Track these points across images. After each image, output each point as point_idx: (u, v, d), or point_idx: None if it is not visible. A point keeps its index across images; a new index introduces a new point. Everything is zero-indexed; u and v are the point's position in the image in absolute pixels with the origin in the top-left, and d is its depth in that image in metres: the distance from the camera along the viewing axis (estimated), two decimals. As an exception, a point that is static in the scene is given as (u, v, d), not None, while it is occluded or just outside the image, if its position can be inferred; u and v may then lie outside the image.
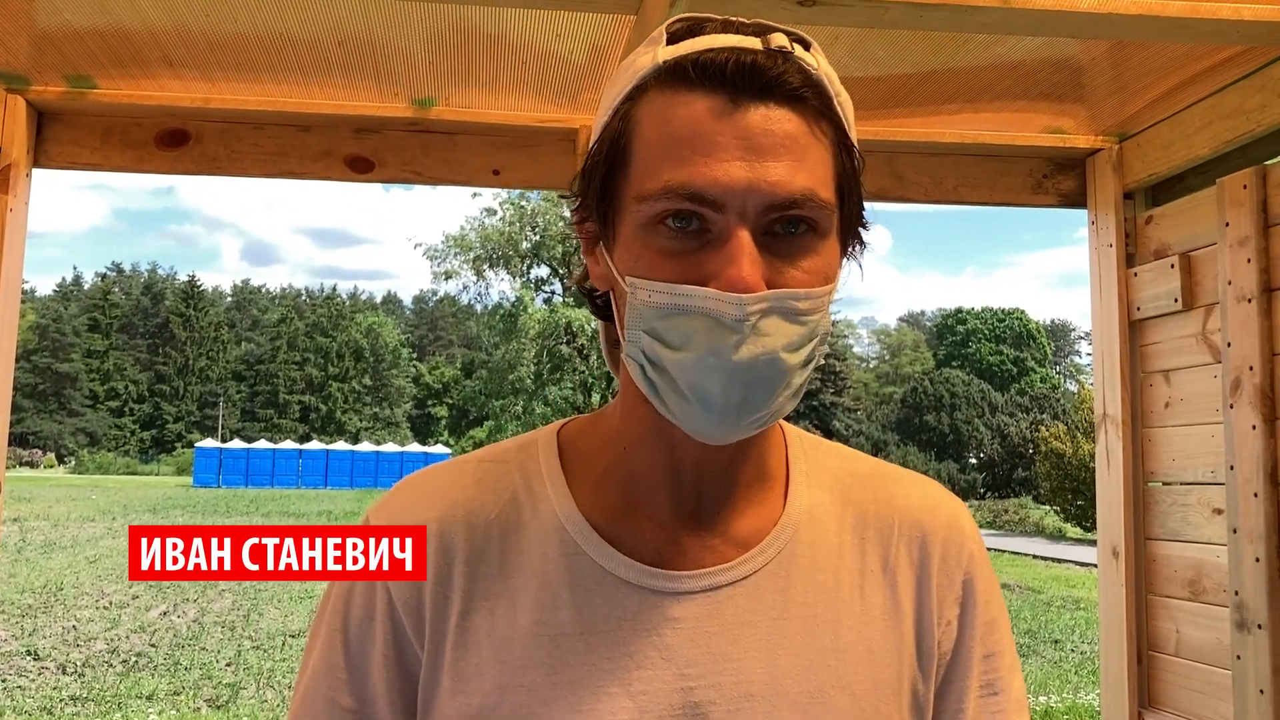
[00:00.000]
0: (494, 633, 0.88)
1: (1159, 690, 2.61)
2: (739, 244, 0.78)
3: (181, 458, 68.61)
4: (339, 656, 0.92)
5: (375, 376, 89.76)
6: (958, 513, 1.01)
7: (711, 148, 0.79)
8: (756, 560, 0.91)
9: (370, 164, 2.64)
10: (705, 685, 0.87)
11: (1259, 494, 2.25)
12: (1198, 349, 2.51)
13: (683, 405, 0.83)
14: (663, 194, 0.79)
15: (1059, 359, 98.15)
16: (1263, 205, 2.27)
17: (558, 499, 0.93)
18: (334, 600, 0.94)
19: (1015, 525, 33.31)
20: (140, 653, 10.86)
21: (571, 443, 0.98)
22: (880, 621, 0.93)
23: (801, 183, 0.79)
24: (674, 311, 0.80)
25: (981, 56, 2.36)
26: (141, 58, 2.36)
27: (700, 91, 0.80)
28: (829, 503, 0.97)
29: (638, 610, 0.88)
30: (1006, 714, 0.97)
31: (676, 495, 0.92)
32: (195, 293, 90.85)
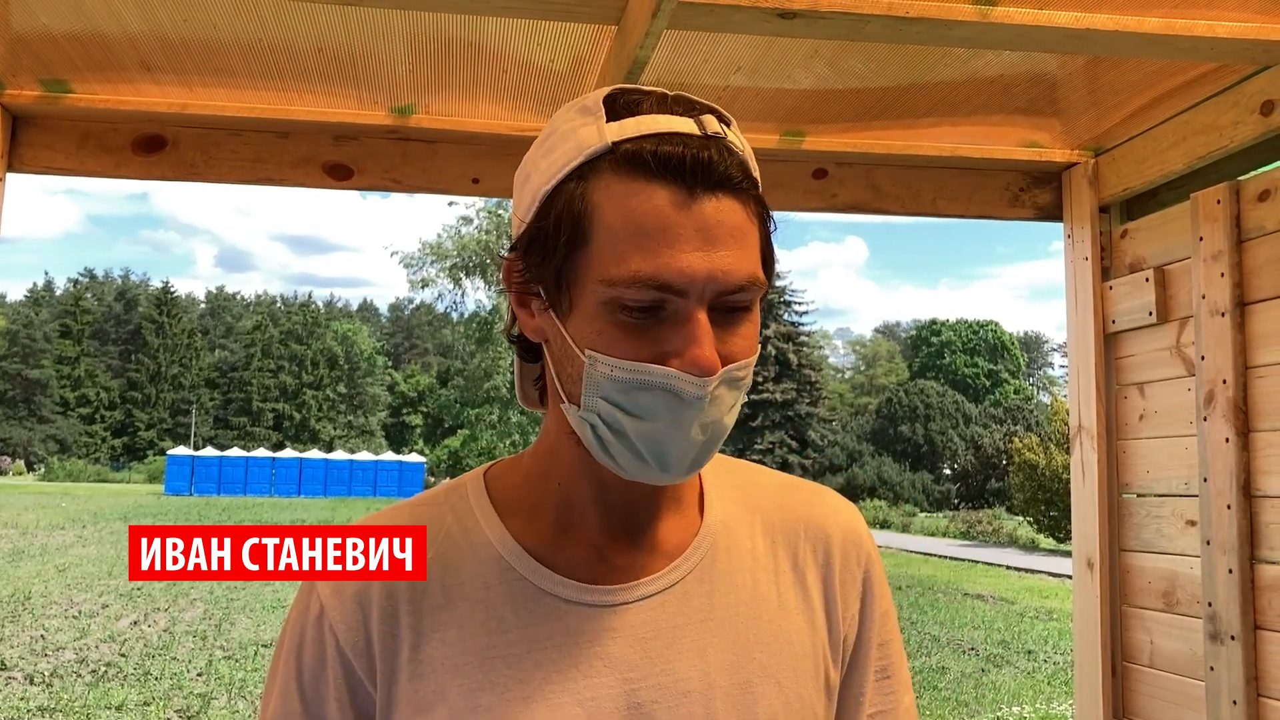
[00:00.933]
0: (447, 660, 0.95)
1: (1133, 701, 2.63)
2: (700, 327, 0.87)
3: (153, 465, 67.96)
4: (295, 702, 0.98)
5: (350, 384, 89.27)
6: (853, 517, 1.13)
7: (674, 240, 0.86)
8: (682, 569, 1.01)
9: (349, 171, 2.63)
10: (647, 686, 0.96)
11: (1232, 506, 2.27)
12: (1172, 362, 2.53)
13: (637, 463, 0.92)
14: (631, 282, 0.86)
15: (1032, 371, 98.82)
16: (1236, 220, 2.30)
17: (492, 531, 1.01)
18: (287, 649, 1.00)
19: (989, 536, 33.46)
20: (110, 662, 10.73)
21: (498, 481, 1.06)
22: (796, 615, 1.04)
23: (747, 269, 0.89)
24: (637, 386, 0.88)
25: (959, 70, 2.37)
26: (119, 63, 2.34)
27: (660, 183, 0.87)
28: (739, 512, 1.08)
29: (579, 625, 0.97)
30: (897, 694, 1.10)
31: (606, 520, 1.01)
32: (168, 299, 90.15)
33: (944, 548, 29.09)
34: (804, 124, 2.65)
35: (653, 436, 0.89)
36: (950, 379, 79.19)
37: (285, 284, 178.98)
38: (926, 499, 54.90)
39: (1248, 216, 2.28)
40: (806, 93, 2.48)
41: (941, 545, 30.26)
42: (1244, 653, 2.23)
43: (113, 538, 24.14)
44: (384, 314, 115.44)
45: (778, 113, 2.58)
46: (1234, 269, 2.29)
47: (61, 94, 2.46)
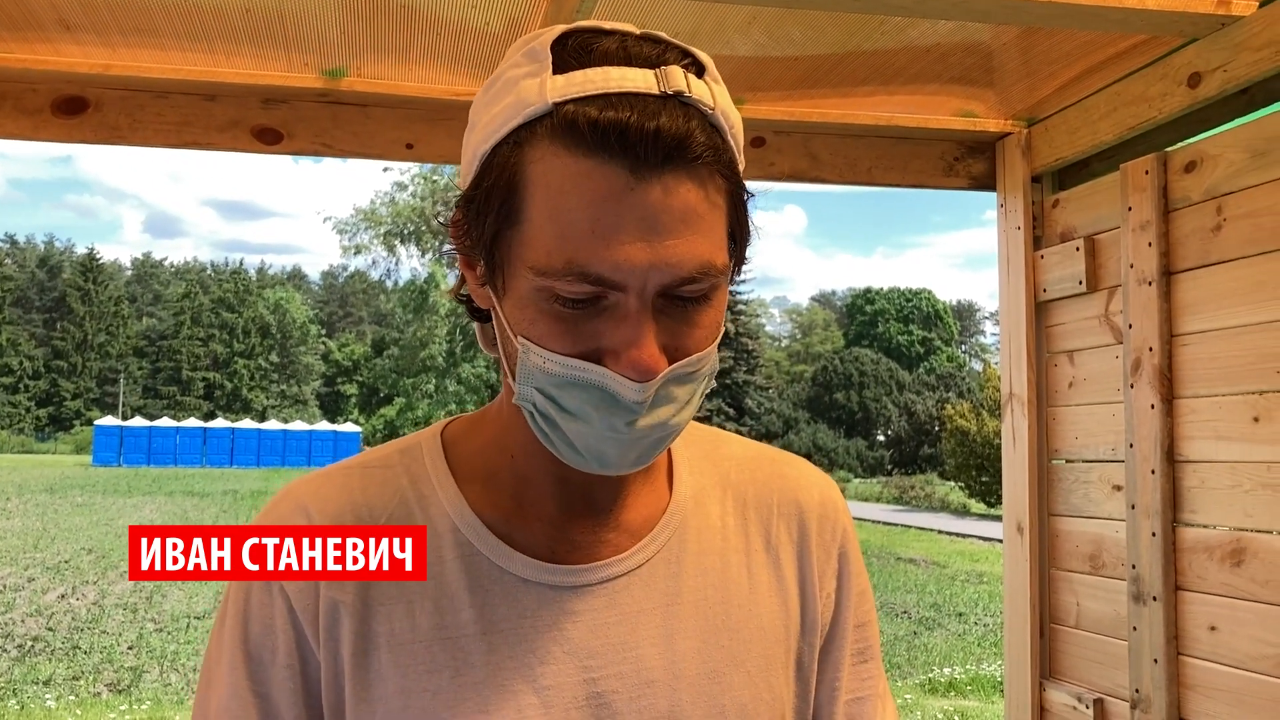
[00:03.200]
0: (393, 638, 0.88)
1: (1059, 661, 2.69)
2: (641, 325, 0.78)
3: (80, 436, 66.58)
4: (239, 672, 0.90)
5: (283, 353, 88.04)
6: (830, 490, 1.07)
7: (611, 230, 0.76)
8: (648, 549, 0.94)
9: (279, 135, 2.57)
10: (607, 675, 0.89)
11: (1156, 471, 2.32)
12: (1100, 330, 2.58)
13: (576, 458, 0.85)
14: (562, 274, 0.77)
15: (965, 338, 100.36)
16: (1163, 190, 2.34)
17: (449, 501, 0.93)
18: (231, 616, 0.92)
19: (921, 501, 34.04)
20: (37, 637, 10.55)
21: (456, 444, 0.98)
22: (767, 598, 0.98)
23: (699, 257, 0.79)
24: (569, 383, 0.80)
25: (896, 39, 2.38)
26: (35, 20, 2.26)
27: (598, 160, 0.76)
28: (711, 486, 1.01)
29: (537, 606, 0.89)
30: (875, 680, 1.05)
31: (566, 496, 0.93)
32: (94, 266, 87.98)
33: (878, 513, 29.56)
34: (742, 91, 2.64)
35: (586, 435, 0.82)
36: (884, 347, 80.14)
37: (215, 250, 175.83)
38: (861, 465, 55.68)
39: (1174, 187, 2.32)
40: (745, 60, 2.47)
41: (875, 510, 30.74)
42: (1165, 612, 2.29)
43: (38, 510, 23.66)
44: (316, 282, 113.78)
45: (715, 78, 2.57)
46: (1161, 239, 2.33)
47: (-24, 53, 2.37)
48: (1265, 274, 2.08)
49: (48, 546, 17.37)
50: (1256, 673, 2.09)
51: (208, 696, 0.92)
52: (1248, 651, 2.11)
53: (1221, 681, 2.17)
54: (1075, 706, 2.56)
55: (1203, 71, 2.22)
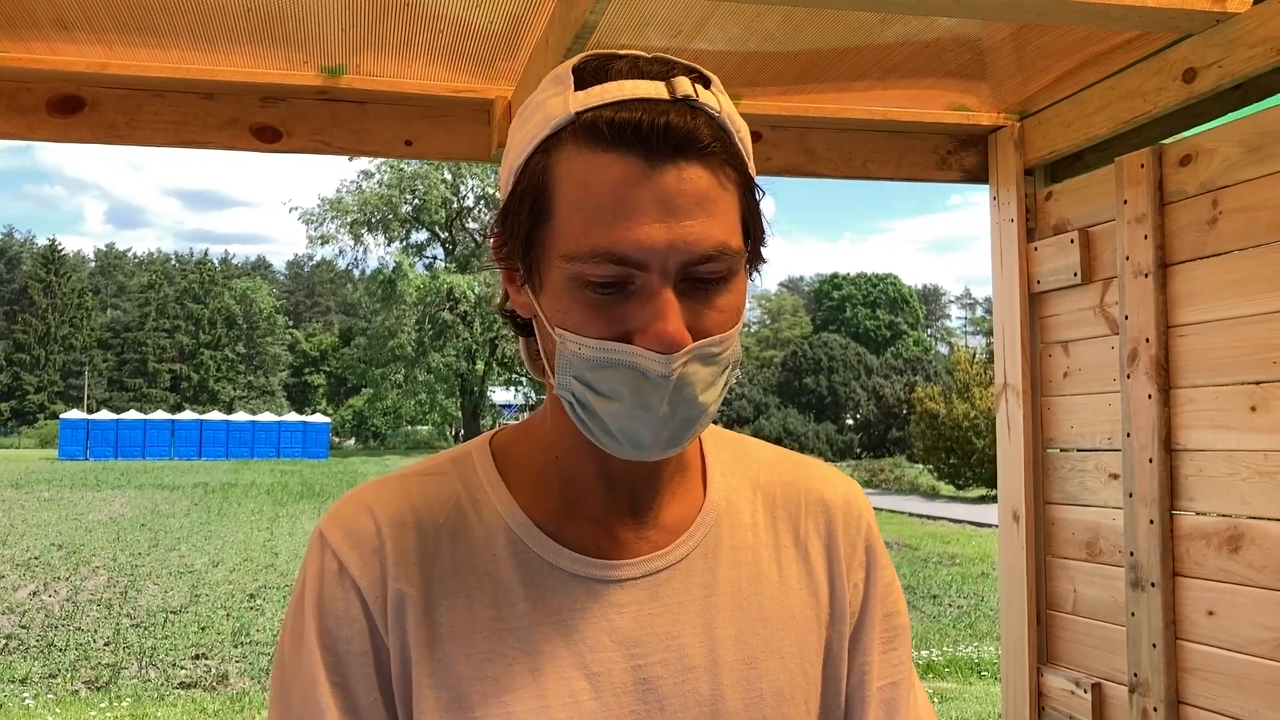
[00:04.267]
0: (455, 629, 0.95)
1: (1057, 647, 2.74)
2: (664, 301, 0.86)
3: (45, 430, 65.71)
4: (319, 666, 0.95)
5: (249, 344, 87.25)
6: (852, 489, 1.14)
7: (632, 212, 0.84)
8: (686, 545, 1.02)
9: (278, 134, 2.56)
10: (653, 662, 0.96)
11: (1154, 459, 2.36)
12: (1095, 321, 2.61)
13: (612, 443, 0.92)
14: (589, 257, 0.85)
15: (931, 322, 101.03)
16: (1159, 184, 2.37)
17: (501, 503, 1.00)
18: (306, 609, 0.97)
19: (891, 484, 34.30)
20: (10, 635, 10.44)
21: (504, 451, 1.05)
22: (798, 590, 1.05)
23: (715, 237, 0.86)
24: (603, 364, 0.87)
25: (892, 34, 2.40)
26: (30, 18, 2.24)
27: (616, 153, 0.85)
28: (742, 488, 1.08)
29: (586, 599, 0.97)
30: (905, 666, 1.11)
31: (610, 496, 1.00)
32: (56, 257, 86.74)
33: (849, 497, 29.69)
34: (741, 87, 2.65)
35: (620, 416, 0.89)
36: (852, 331, 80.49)
37: (179, 241, 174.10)
38: (831, 449, 55.94)
39: (1170, 180, 2.36)
40: (745, 55, 2.48)
41: (846, 494, 30.88)
42: (1163, 598, 2.34)
43: (4, 506, 23.38)
44: (282, 271, 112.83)
45: (716, 75, 2.58)
46: (1156, 231, 2.37)
47: (-29, 52, 2.34)
48: (1262, 266, 2.13)
49: (16, 543, 17.18)
50: (1254, 656, 2.14)
51: (288, 688, 0.96)
52: (1246, 635, 2.16)
53: (1219, 665, 2.22)
54: (1073, 691, 2.61)
55: (1198, 67, 2.25)
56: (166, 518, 21.49)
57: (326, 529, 0.99)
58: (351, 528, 0.98)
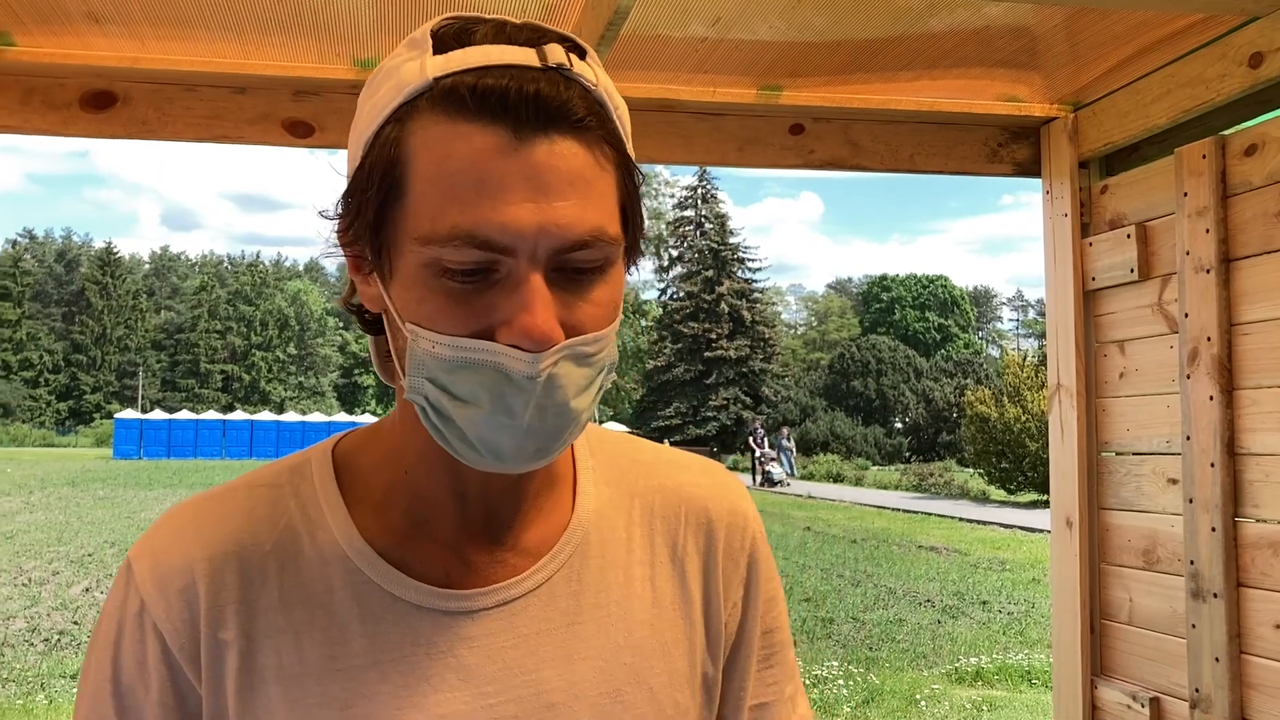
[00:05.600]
0: (281, 671, 0.85)
1: (1111, 658, 2.63)
2: (532, 291, 0.76)
3: (100, 429, 66.98)
4: (108, 708, 0.87)
5: (300, 345, 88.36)
6: (739, 496, 1.04)
7: (498, 190, 0.74)
8: (548, 569, 0.92)
9: (310, 128, 2.52)
10: (505, 700, 0.87)
11: (1215, 464, 2.26)
12: (1153, 319, 2.51)
13: (471, 453, 0.81)
14: (448, 239, 0.75)
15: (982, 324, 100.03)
16: (1222, 175, 2.27)
17: (338, 526, 0.89)
18: (100, 647, 0.88)
19: (941, 489, 33.89)
20: (63, 631, 10.57)
21: (348, 460, 0.94)
22: (671, 612, 0.96)
23: (590, 221, 0.77)
24: (460, 365, 0.77)
25: (940, 23, 2.31)
26: (63, 12, 2.22)
27: (480, 123, 0.75)
28: (616, 497, 0.98)
29: (431, 633, 0.87)
30: (780, 684, 1.04)
31: (463, 515, 0.90)
32: (112, 259, 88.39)
33: (897, 500, 29.45)
34: (782, 78, 2.58)
35: (479, 424, 0.78)
36: (901, 334, 79.93)
37: (232, 243, 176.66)
38: (879, 453, 55.52)
39: (1233, 171, 2.25)
40: (786, 45, 2.41)
41: (894, 498, 30.64)
42: (1226, 610, 2.23)
43: (60, 503, 23.78)
44: (332, 274, 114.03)
45: (756, 67, 2.51)
46: (1219, 225, 2.26)
47: (4, 47, 2.32)
48: (1333, 261, 2.01)
49: (71, 540, 17.45)
50: (1324, 672, 2.02)
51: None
52: (1315, 650, 2.05)
53: (1286, 681, 2.11)
54: (1130, 705, 2.50)
55: (1265, 51, 2.14)
56: (217, 516, 21.74)
57: (135, 560, 0.89)
58: (159, 561, 0.87)
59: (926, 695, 8.28)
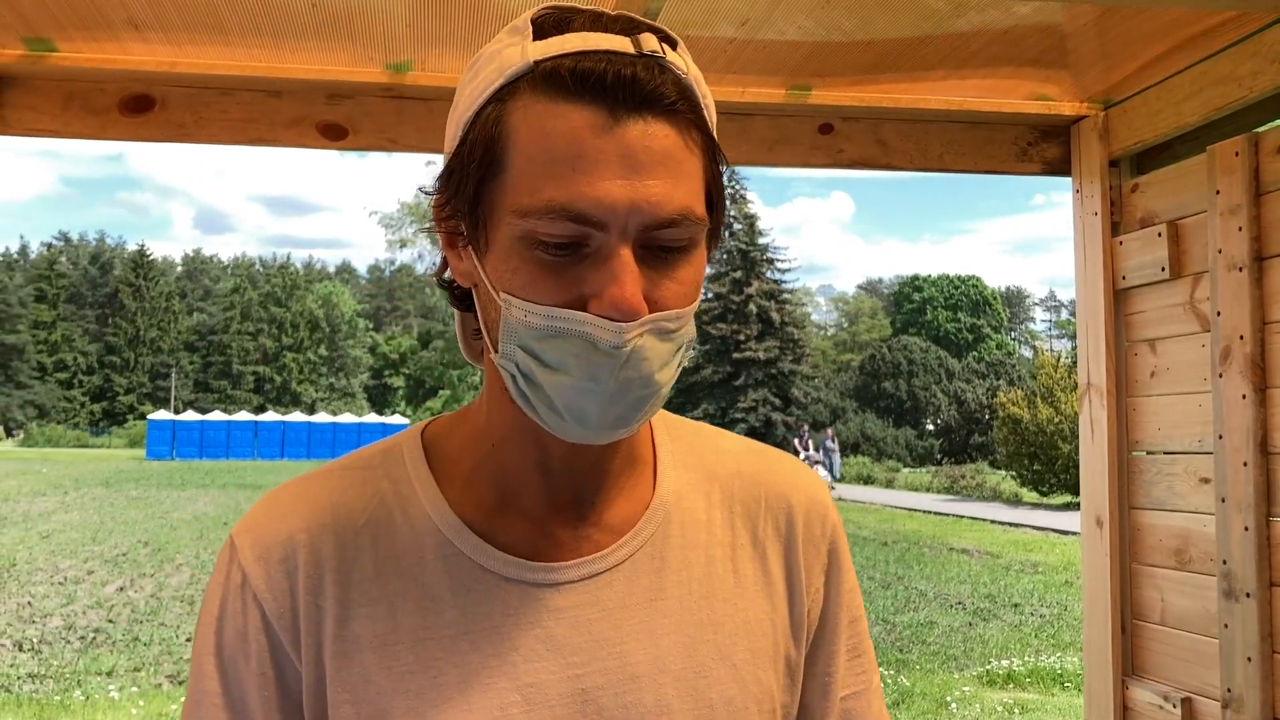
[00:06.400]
0: (375, 638, 0.88)
1: (1143, 659, 2.62)
2: (622, 264, 0.79)
3: (134, 430, 67.71)
4: (212, 680, 0.91)
5: (331, 347, 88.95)
6: (817, 486, 1.06)
7: (593, 166, 0.78)
8: (631, 545, 0.94)
9: (344, 131, 2.56)
10: (592, 671, 0.89)
11: (1248, 463, 2.24)
12: (1185, 318, 2.50)
13: (557, 420, 0.84)
14: (544, 212, 0.78)
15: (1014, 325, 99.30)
16: (1254, 173, 2.26)
17: (429, 501, 0.93)
18: (204, 622, 0.93)
19: (973, 490, 33.70)
20: (98, 629, 10.71)
21: (437, 443, 0.98)
22: (753, 593, 0.97)
23: (679, 200, 0.80)
24: (551, 334, 0.80)
25: (969, 22, 2.31)
26: (104, 19, 2.26)
27: (578, 103, 0.79)
28: (696, 481, 1.00)
29: (519, 604, 0.90)
30: (869, 675, 1.05)
31: (549, 489, 0.93)
32: (145, 262, 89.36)
33: (928, 503, 29.30)
34: (810, 77, 2.58)
35: (567, 390, 0.81)
36: (932, 335, 79.49)
37: (263, 246, 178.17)
38: (910, 454, 55.26)
39: (1266, 169, 2.24)
40: (814, 45, 2.41)
41: (926, 500, 30.48)
42: (1259, 609, 2.21)
43: (95, 503, 24.06)
44: (364, 276, 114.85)
45: (785, 66, 2.52)
46: (1252, 223, 2.25)
47: (45, 53, 2.37)
48: (1367, 258, 2.00)
49: (105, 539, 17.65)
50: (1359, 672, 2.01)
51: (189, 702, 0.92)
52: (1349, 650, 2.03)
53: (1320, 681, 2.09)
54: (1161, 705, 2.49)
55: (1297, 48, 2.13)
56: (249, 517, 21.92)
57: (237, 536, 0.93)
58: (261, 536, 0.92)
59: (957, 698, 8.24)
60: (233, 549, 0.92)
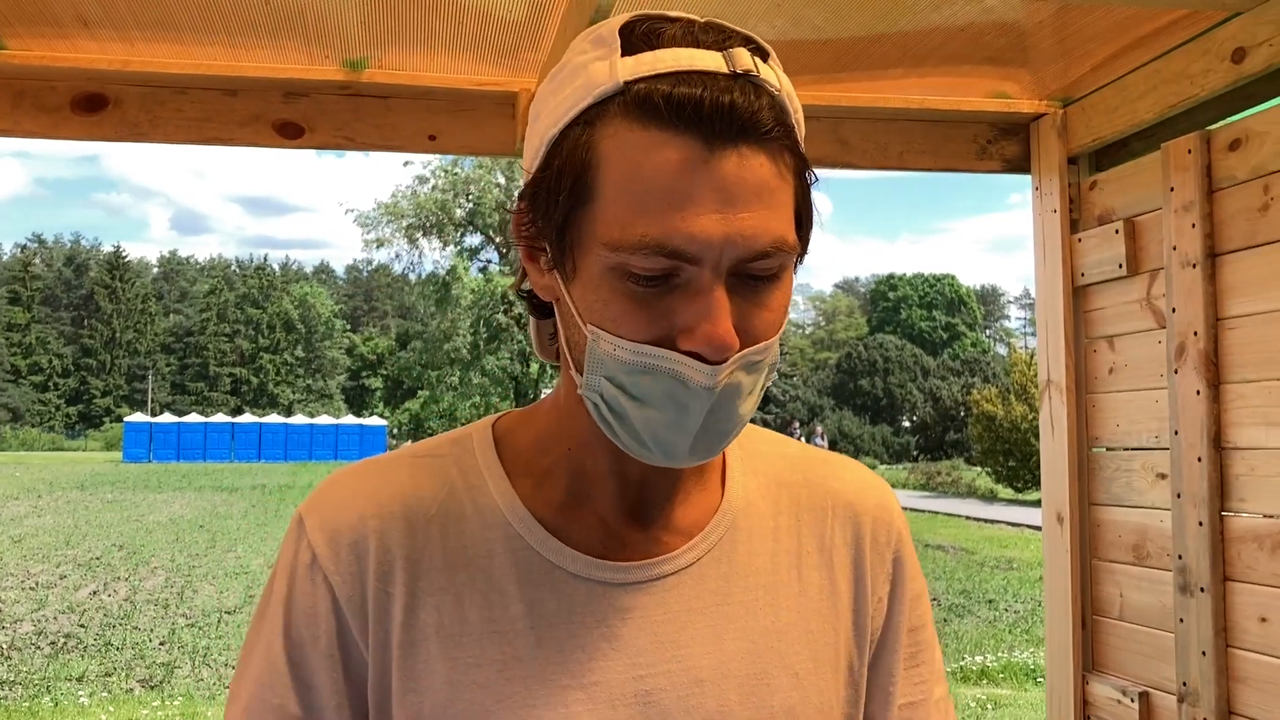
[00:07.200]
0: (441, 629, 0.88)
1: (1103, 653, 2.63)
2: (716, 301, 0.78)
3: (110, 433, 67.18)
4: (281, 660, 0.89)
5: (308, 348, 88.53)
6: (885, 493, 1.06)
7: (687, 200, 0.76)
8: (699, 549, 0.94)
9: (300, 129, 2.54)
10: (655, 673, 0.88)
11: (1202, 458, 2.26)
12: (1141, 315, 2.51)
13: (642, 450, 0.84)
14: (637, 248, 0.76)
15: (989, 323, 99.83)
16: (1207, 170, 2.27)
17: (500, 493, 0.92)
18: (274, 600, 0.91)
19: (948, 487, 33.86)
20: (69, 634, 10.62)
21: (508, 437, 0.97)
22: (818, 601, 0.97)
23: (773, 232, 0.79)
24: (640, 370, 0.79)
25: (927, 20, 2.32)
26: (54, 16, 2.23)
27: (673, 132, 0.76)
28: (764, 488, 1.00)
29: (586, 602, 0.89)
30: (929, 684, 1.03)
31: (622, 494, 0.93)
32: (120, 264, 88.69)
33: (904, 499, 29.42)
34: (769, 76, 2.58)
35: (655, 425, 0.81)
36: (908, 333, 79.80)
37: (241, 246, 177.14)
38: (887, 451, 55.48)
39: (1218, 166, 2.25)
40: (772, 44, 2.40)
41: (902, 496, 30.59)
42: (1213, 604, 2.23)
43: (69, 507, 23.86)
44: (341, 276, 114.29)
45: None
46: (1205, 219, 2.26)
47: (-6, 51, 2.34)
48: (1316, 254, 2.02)
49: (79, 543, 17.51)
50: (1310, 665, 2.02)
51: (244, 677, 0.91)
52: (1301, 644, 2.05)
53: (1273, 674, 2.11)
54: (1120, 700, 2.50)
55: (1247, 46, 2.14)
56: (224, 519, 21.79)
57: (306, 514, 0.92)
58: (331, 516, 0.91)
59: (931, 694, 8.26)
60: (301, 528, 0.91)
